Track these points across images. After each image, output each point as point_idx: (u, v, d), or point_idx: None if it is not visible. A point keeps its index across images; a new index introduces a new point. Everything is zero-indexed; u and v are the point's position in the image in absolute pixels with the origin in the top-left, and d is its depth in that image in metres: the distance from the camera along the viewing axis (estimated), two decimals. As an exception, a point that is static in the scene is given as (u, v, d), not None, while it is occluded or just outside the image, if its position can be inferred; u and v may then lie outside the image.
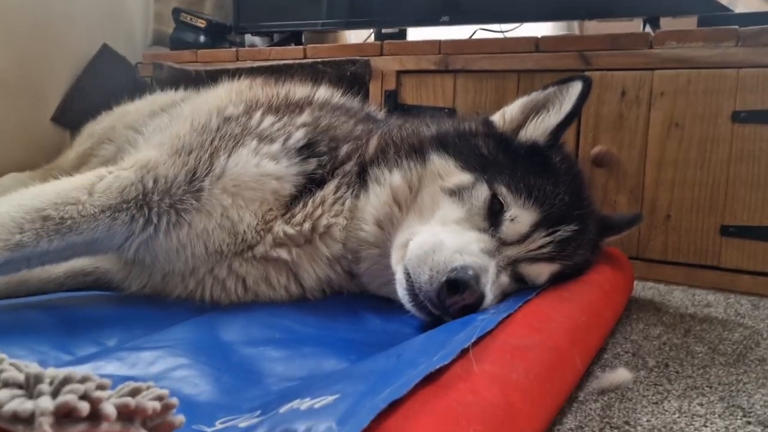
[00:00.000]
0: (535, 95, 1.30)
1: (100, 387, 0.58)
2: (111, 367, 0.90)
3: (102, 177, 1.16)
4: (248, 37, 2.86)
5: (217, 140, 1.23)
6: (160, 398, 0.61)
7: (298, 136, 1.26)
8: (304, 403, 0.68)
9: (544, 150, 1.25)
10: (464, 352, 0.80)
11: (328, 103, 1.46)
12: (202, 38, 2.64)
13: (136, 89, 2.44)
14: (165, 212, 1.15)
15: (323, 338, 1.06)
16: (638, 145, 1.74)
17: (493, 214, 1.14)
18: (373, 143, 1.33)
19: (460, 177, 1.19)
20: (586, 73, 1.70)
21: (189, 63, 2.50)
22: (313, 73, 2.05)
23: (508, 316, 0.97)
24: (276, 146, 1.23)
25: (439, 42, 1.97)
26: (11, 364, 0.63)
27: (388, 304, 1.23)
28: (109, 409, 0.56)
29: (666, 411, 0.97)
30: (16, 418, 0.54)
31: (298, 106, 1.37)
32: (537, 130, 1.26)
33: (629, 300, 1.52)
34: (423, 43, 2.01)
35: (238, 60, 2.38)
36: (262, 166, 1.21)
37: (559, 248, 1.16)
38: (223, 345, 1.02)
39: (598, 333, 1.13)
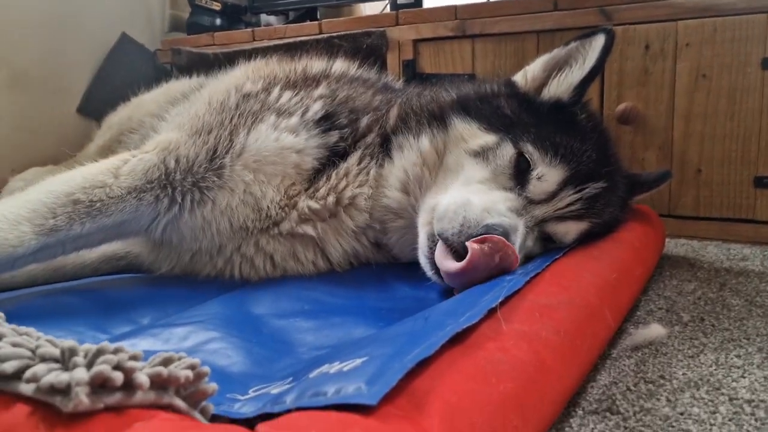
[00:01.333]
0: (557, 52, 1.27)
1: (133, 358, 0.60)
2: (145, 343, 0.91)
3: (126, 160, 1.18)
4: (264, 17, 2.85)
5: (236, 118, 1.24)
6: (192, 367, 0.63)
7: (316, 108, 1.26)
8: (334, 367, 0.68)
9: (568, 107, 1.23)
10: (492, 312, 0.79)
11: (345, 75, 1.45)
12: (218, 21, 2.64)
13: (157, 76, 2.46)
14: (188, 191, 1.17)
15: (352, 308, 1.06)
16: (665, 100, 1.69)
17: (520, 173, 1.13)
18: (394, 113, 1.33)
19: (485, 138, 1.18)
20: (611, 30, 1.66)
21: (206, 46, 2.50)
22: (330, 48, 2.03)
23: (535, 276, 0.96)
24: (294, 119, 1.23)
25: (455, 7, 1.94)
26: (47, 341, 0.65)
27: (415, 272, 1.22)
28: (142, 378, 0.58)
29: (702, 364, 0.95)
30: (53, 389, 0.56)
31: (315, 80, 1.37)
32: (560, 86, 1.24)
33: (661, 257, 1.49)
34: (439, 9, 1.98)
35: (254, 40, 2.38)
36: (281, 139, 1.21)
37: (588, 206, 1.15)
38: (254, 318, 1.03)
39: (629, 290, 1.12)
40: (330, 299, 1.11)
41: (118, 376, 0.56)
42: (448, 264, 1.01)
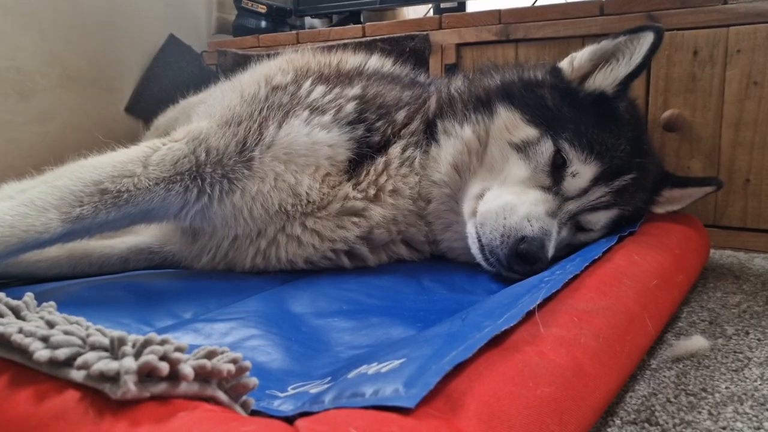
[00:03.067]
0: (605, 43, 1.31)
1: (179, 349, 0.62)
2: (188, 337, 0.94)
3: (156, 149, 1.19)
4: (308, 20, 2.89)
5: (265, 110, 1.26)
6: (234, 361, 0.64)
7: (349, 109, 1.28)
8: (372, 368, 0.69)
9: (610, 100, 1.27)
10: (530, 315, 0.79)
11: (378, 72, 1.47)
12: (263, 23, 2.68)
13: (203, 77, 2.52)
14: (217, 182, 1.19)
15: (389, 309, 1.07)
16: (713, 107, 1.65)
17: (555, 169, 1.19)
18: (434, 99, 1.38)
19: (527, 131, 1.23)
20: (661, 28, 1.64)
21: (251, 48, 2.55)
22: (373, 51, 2.05)
23: (574, 278, 0.95)
24: (327, 117, 1.26)
25: (499, 11, 1.93)
26: (97, 329, 0.68)
27: (451, 274, 1.23)
28: (187, 369, 0.59)
29: (747, 378, 0.93)
30: (103, 377, 0.58)
31: (348, 77, 1.39)
32: (606, 79, 1.29)
33: (706, 269, 1.46)
34: (482, 13, 1.97)
35: (298, 42, 2.41)
36: (313, 135, 1.24)
37: (617, 195, 1.22)
38: (293, 316, 1.05)
39: (670, 296, 1.10)
40: (368, 300, 1.12)
41: (165, 366, 0.58)
42: None
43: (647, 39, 1.24)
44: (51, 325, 0.70)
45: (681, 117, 1.67)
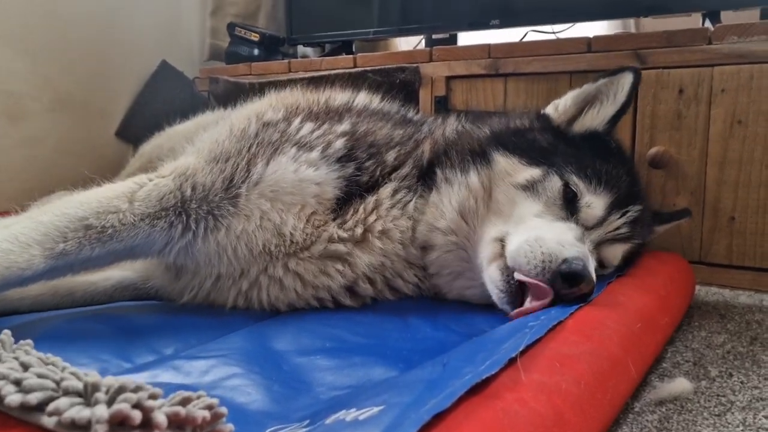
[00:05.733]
0: (587, 87, 1.36)
1: (152, 396, 0.61)
2: (167, 375, 0.93)
3: (142, 184, 1.19)
4: (301, 49, 2.91)
5: (254, 147, 1.26)
6: (209, 407, 0.63)
7: (338, 146, 1.28)
8: (350, 414, 0.68)
9: (602, 137, 1.32)
10: (512, 361, 0.79)
11: (367, 108, 1.48)
12: (256, 51, 2.70)
13: (194, 103, 2.53)
14: (203, 218, 1.18)
15: (373, 347, 1.06)
16: (698, 145, 1.67)
17: (568, 202, 1.19)
18: (427, 146, 1.37)
19: (530, 172, 1.23)
20: (644, 72, 1.66)
21: (243, 76, 2.56)
22: (363, 82, 2.07)
23: (558, 323, 0.94)
24: (315, 154, 1.25)
25: (489, 46, 1.95)
26: (72, 373, 0.67)
27: (436, 312, 1.23)
28: (160, 417, 0.59)
29: (729, 423, 0.93)
30: (74, 424, 0.57)
31: (338, 113, 1.39)
32: (595, 119, 1.34)
33: (691, 307, 1.46)
34: (472, 47, 2.00)
35: (290, 71, 2.43)
36: (300, 172, 1.23)
37: (632, 228, 1.23)
38: (275, 354, 1.04)
39: (654, 339, 1.10)
40: (351, 337, 1.11)
41: (137, 415, 0.57)
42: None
43: (627, 79, 1.31)
44: (25, 367, 0.69)
45: (667, 154, 1.69)
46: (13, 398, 0.61)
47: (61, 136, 2.42)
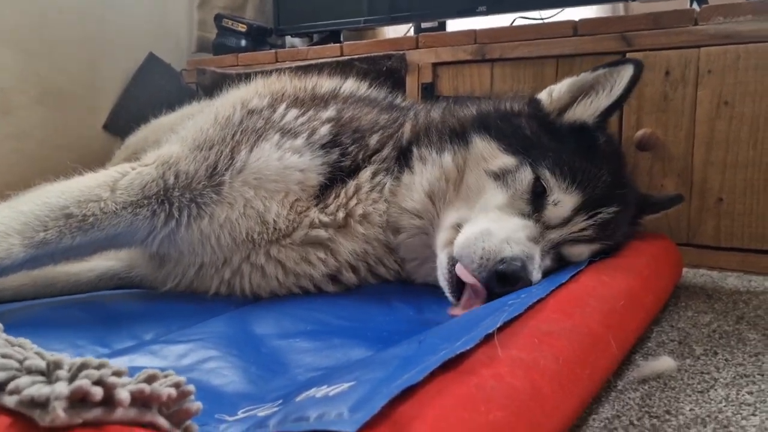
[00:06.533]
0: (585, 76, 1.30)
1: (116, 374, 0.59)
2: (144, 359, 0.92)
3: (125, 173, 1.18)
4: (289, 39, 2.89)
5: (239, 134, 1.24)
6: (176, 385, 0.62)
7: (323, 132, 1.27)
8: (321, 391, 0.67)
9: (591, 131, 1.26)
10: (489, 338, 0.78)
11: (353, 95, 1.46)
12: (243, 42, 2.68)
13: (182, 95, 2.50)
14: (186, 206, 1.17)
15: (354, 330, 1.05)
16: (685, 127, 1.66)
17: (536, 197, 1.15)
18: (408, 126, 1.35)
19: (504, 160, 1.19)
20: (630, 55, 1.65)
21: (230, 67, 2.54)
22: (350, 70, 2.05)
23: (538, 301, 0.93)
24: (299, 141, 1.24)
25: (475, 32, 1.94)
26: (36, 353, 0.65)
27: (420, 295, 1.22)
28: (123, 394, 0.57)
29: (712, 400, 0.92)
30: (33, 402, 0.56)
31: (323, 100, 1.38)
32: (586, 111, 1.27)
33: (678, 287, 1.46)
34: (458, 33, 1.99)
35: (277, 61, 2.41)
36: (284, 159, 1.22)
37: (600, 229, 1.17)
38: (255, 338, 1.03)
39: (637, 317, 1.08)
40: (334, 320, 1.11)
41: (98, 391, 0.56)
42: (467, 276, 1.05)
43: (627, 72, 1.23)
44: (-11, 348, 0.67)
45: (653, 136, 1.68)
46: (-25, 378, 0.60)
47: (48, 130, 2.40)
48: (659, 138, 1.68)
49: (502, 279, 1.02)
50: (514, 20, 2.44)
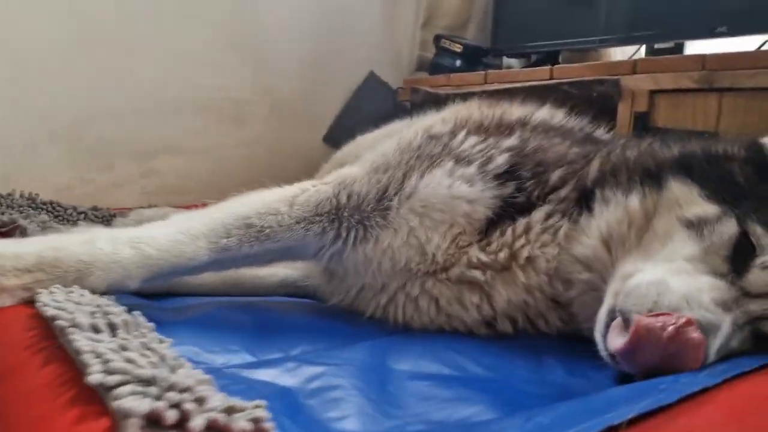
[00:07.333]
0: None
1: (199, 400, 0.61)
2: (278, 375, 0.95)
3: (305, 190, 1.24)
4: (506, 60, 2.85)
5: (413, 159, 1.23)
6: (256, 420, 0.62)
7: (500, 161, 1.20)
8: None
9: None
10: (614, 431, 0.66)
11: (545, 123, 1.36)
12: (458, 62, 2.70)
13: (396, 113, 2.61)
14: (353, 227, 1.19)
15: (489, 382, 0.98)
16: None
17: (739, 257, 0.94)
18: (596, 164, 1.20)
19: (703, 207, 1.00)
20: None
21: (442, 87, 2.57)
22: (558, 95, 1.94)
23: (702, 392, 0.76)
24: (472, 169, 1.18)
25: (704, 56, 1.69)
26: (150, 362, 0.70)
27: (579, 353, 1.09)
28: (197, 421, 0.59)
29: None
30: (121, 413, 0.60)
31: (509, 128, 1.30)
32: None
33: None
34: (682, 58, 1.77)
35: (486, 83, 2.38)
36: (454, 188, 1.17)
37: None
38: (388, 372, 1.00)
39: None
40: (474, 367, 1.04)
41: (171, 416, 0.58)
42: (615, 341, 0.88)
43: None
44: (123, 349, 0.75)
45: None
46: (95, 377, 0.66)
47: (274, 139, 2.67)
48: None
49: None
50: (764, 44, 2.09)
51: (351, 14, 2.80)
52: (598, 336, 0.96)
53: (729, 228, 0.95)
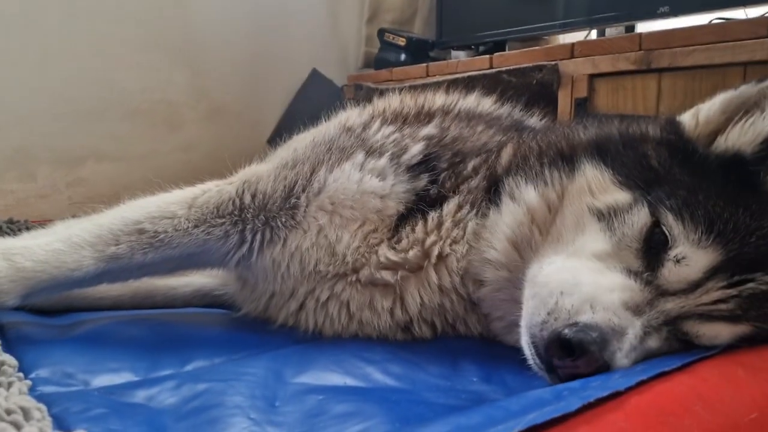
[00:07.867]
0: (745, 89, 0.95)
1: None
2: (149, 394, 0.86)
3: (206, 191, 1.13)
4: (454, 53, 2.76)
5: (323, 153, 1.13)
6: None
7: (414, 151, 1.10)
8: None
9: (749, 164, 0.90)
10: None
11: (470, 111, 1.27)
12: (402, 57, 2.62)
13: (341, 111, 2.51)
14: (259, 229, 1.09)
15: (392, 393, 0.88)
16: None
17: (652, 250, 0.86)
18: (508, 151, 1.11)
19: (615, 195, 0.91)
20: None
21: (385, 82, 2.49)
22: (497, 83, 1.86)
23: (612, 397, 0.66)
24: (383, 161, 1.09)
25: (640, 35, 1.63)
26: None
27: (500, 356, 0.99)
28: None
29: None
30: None
31: (428, 116, 1.21)
32: (744, 135, 0.92)
33: None
34: (619, 38, 1.70)
35: (428, 75, 2.30)
36: (364, 182, 1.07)
37: (749, 305, 0.82)
38: (284, 386, 0.91)
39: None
40: (381, 377, 0.95)
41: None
42: None
43: None
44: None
45: None
46: None
47: (213, 143, 2.55)
48: None
49: (564, 347, 0.77)
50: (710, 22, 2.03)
51: (292, 11, 2.70)
52: (524, 344, 0.87)
53: (640, 217, 0.87)
